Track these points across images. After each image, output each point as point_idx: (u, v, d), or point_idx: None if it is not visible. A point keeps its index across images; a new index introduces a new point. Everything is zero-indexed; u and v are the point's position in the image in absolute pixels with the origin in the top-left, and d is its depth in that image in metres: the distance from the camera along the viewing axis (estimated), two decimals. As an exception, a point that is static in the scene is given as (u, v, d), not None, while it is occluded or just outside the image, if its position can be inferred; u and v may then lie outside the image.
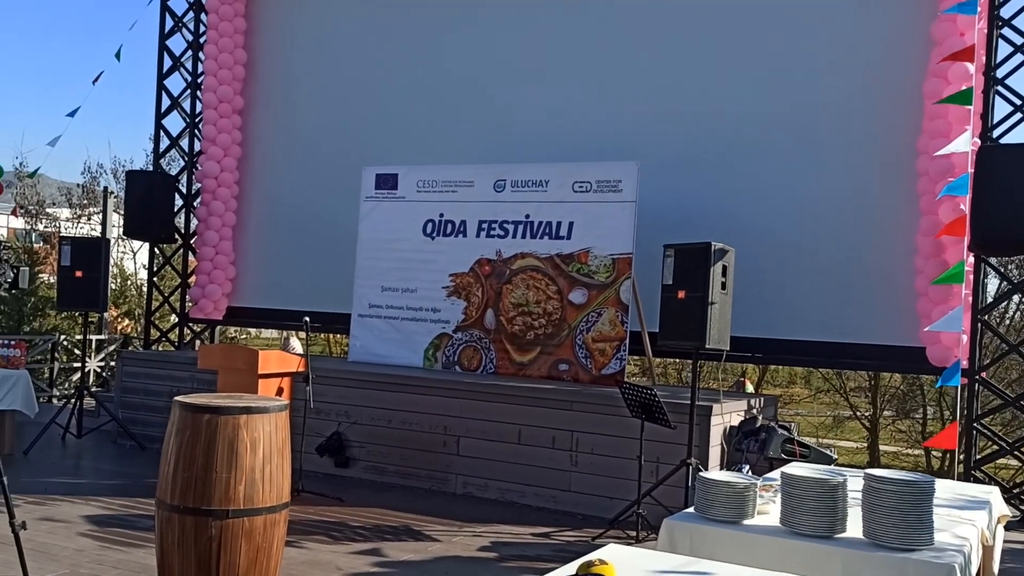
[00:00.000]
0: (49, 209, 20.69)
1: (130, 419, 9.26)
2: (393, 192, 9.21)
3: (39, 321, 13.11)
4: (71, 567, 5.18)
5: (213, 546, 4.56)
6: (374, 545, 6.02)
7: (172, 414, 4.78)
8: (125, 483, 7.45)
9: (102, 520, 6.25)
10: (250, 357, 7.00)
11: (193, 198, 11.19)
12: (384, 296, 9.12)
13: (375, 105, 10.16)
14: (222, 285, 10.72)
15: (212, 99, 10.77)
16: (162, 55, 11.22)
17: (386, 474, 7.98)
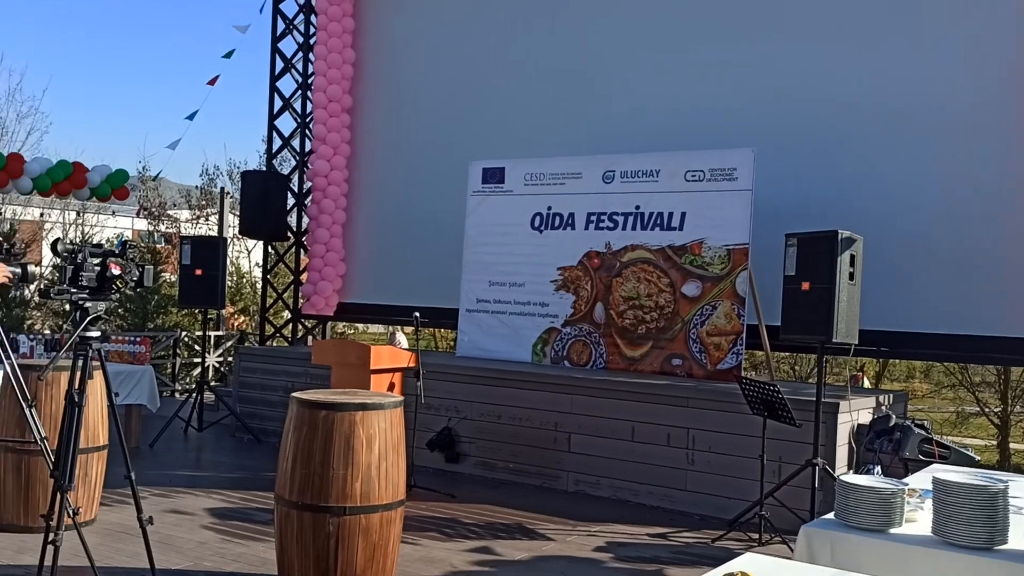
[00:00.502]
0: (170, 211, 21.53)
1: (247, 413, 9.49)
2: (500, 186, 9.13)
3: (162, 318, 13.62)
4: (195, 560, 5.28)
5: (331, 543, 4.56)
6: (487, 543, 5.95)
7: (289, 410, 4.80)
8: (244, 476, 7.60)
9: (223, 513, 6.37)
10: (363, 352, 7.03)
11: (304, 197, 11.39)
12: (491, 291, 9.06)
13: (480, 99, 10.10)
14: (333, 281, 10.87)
15: (322, 99, 10.92)
16: (274, 57, 11.45)
17: (496, 470, 7.92)
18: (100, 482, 5.93)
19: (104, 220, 21.46)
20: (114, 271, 4.10)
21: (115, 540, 5.51)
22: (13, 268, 4.14)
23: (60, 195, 11.04)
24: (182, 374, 12.53)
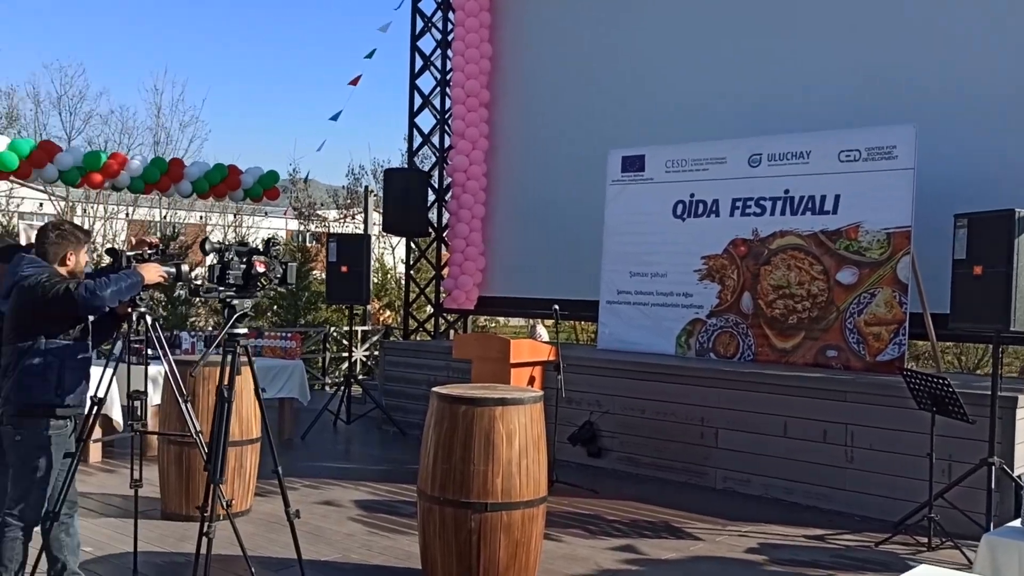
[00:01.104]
0: (319, 211, 22.33)
1: (392, 406, 9.66)
2: (640, 174, 8.90)
3: (312, 314, 14.10)
4: (343, 552, 5.36)
5: (473, 539, 4.51)
6: (632, 541, 5.77)
7: (430, 404, 4.79)
8: (390, 468, 7.72)
9: (370, 505, 6.47)
10: (503, 346, 6.98)
11: (444, 192, 11.50)
12: (633, 281, 8.85)
13: (618, 87, 9.88)
14: (473, 275, 10.92)
15: (460, 94, 10.98)
16: (413, 56, 11.60)
17: (640, 465, 7.72)
18: (254, 473, 6.12)
19: (259, 221, 22.52)
20: (259, 268, 4.19)
21: (269, 530, 5.67)
22: (168, 268, 4.29)
23: (217, 197, 11.55)
24: (331, 368, 12.93)
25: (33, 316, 3.99)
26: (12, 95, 22.97)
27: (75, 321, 4.09)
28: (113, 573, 4.87)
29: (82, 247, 4.27)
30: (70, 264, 4.20)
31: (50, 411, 4.03)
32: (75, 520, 4.31)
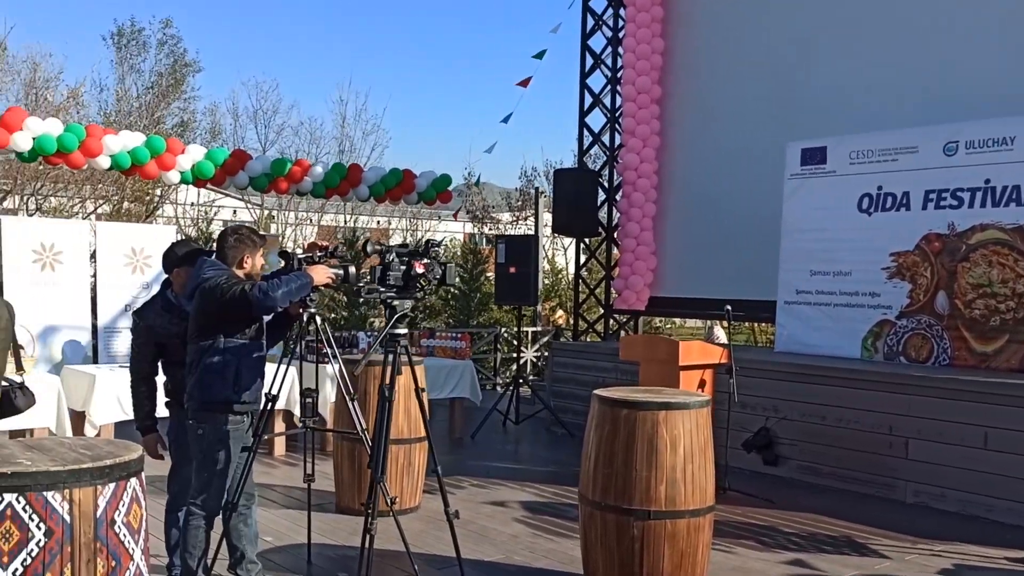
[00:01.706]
0: (493, 213, 22.71)
1: (561, 407, 9.62)
2: (821, 167, 8.41)
3: (485, 315, 14.32)
4: (506, 553, 5.35)
5: (635, 547, 4.36)
6: (810, 556, 5.42)
7: (591, 407, 4.69)
8: (556, 471, 7.67)
9: (535, 507, 6.44)
10: (671, 348, 6.77)
11: (615, 191, 11.35)
12: (813, 280, 8.37)
13: (794, 78, 9.39)
14: (644, 276, 10.71)
15: (631, 91, 10.80)
16: (584, 55, 11.53)
17: (820, 475, 7.27)
18: (423, 471, 6.22)
19: (435, 225, 23.16)
20: (418, 269, 4.22)
21: (436, 528, 5.73)
22: (337, 270, 4.40)
23: (392, 200, 11.94)
24: (502, 368, 13.06)
25: (213, 316, 4.19)
26: (215, 111, 24.83)
27: (251, 321, 4.27)
28: (289, 563, 5.07)
29: (258, 250, 4.45)
30: (247, 267, 4.39)
31: (228, 407, 4.22)
32: (253, 511, 4.50)
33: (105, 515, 2.84)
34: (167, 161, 9.72)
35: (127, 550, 2.91)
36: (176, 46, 24.28)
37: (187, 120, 23.85)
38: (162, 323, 4.46)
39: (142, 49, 23.78)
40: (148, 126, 19.43)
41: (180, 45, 24.31)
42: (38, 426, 6.49)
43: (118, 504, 2.89)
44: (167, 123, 21.80)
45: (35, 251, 8.57)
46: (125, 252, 9.12)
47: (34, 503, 2.72)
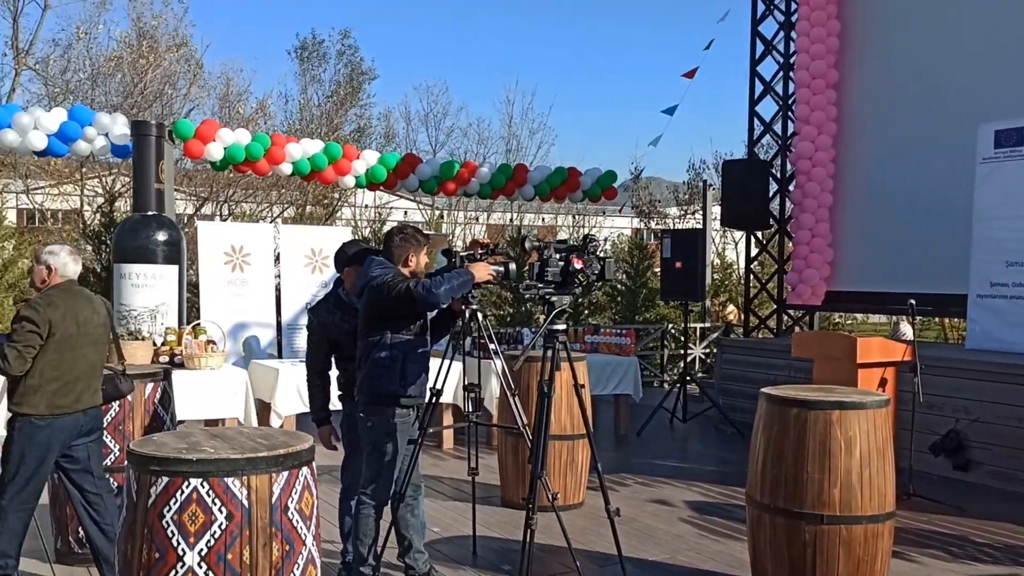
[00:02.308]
0: (660, 208, 22.39)
1: (730, 406, 9.34)
2: (1018, 149, 7.75)
3: (651, 311, 14.13)
4: (670, 553, 5.25)
5: (807, 552, 4.17)
6: (1005, 570, 5.00)
7: (759, 406, 4.53)
8: (725, 470, 7.45)
9: (702, 507, 6.29)
10: (848, 345, 6.43)
11: (787, 182, 10.92)
12: (1009, 272, 7.72)
13: (985, 55, 8.69)
14: (820, 269, 10.24)
15: (805, 77, 10.35)
16: (754, 41, 11.16)
17: (1017, 483, 6.70)
18: (585, 467, 6.20)
19: (601, 221, 23.10)
20: (576, 265, 4.21)
21: (599, 525, 5.70)
22: (497, 267, 4.45)
23: (557, 199, 11.99)
24: (669, 365, 12.85)
25: (380, 313, 4.34)
26: (388, 116, 25.84)
27: (416, 317, 4.39)
28: (455, 553, 5.18)
29: (422, 249, 4.57)
30: (412, 265, 4.52)
31: (395, 400, 4.36)
32: (420, 502, 4.63)
33: (279, 501, 3.00)
34: (343, 166, 10.19)
35: (300, 535, 3.06)
36: (354, 55, 25.46)
37: (363, 126, 24.95)
38: (334, 320, 4.66)
39: (322, 60, 25.08)
40: (327, 133, 20.46)
41: (357, 54, 25.47)
42: (228, 416, 6.95)
43: (291, 491, 3.04)
44: (345, 129, 22.88)
45: (226, 253, 9.20)
46: (305, 253, 9.63)
47: (216, 488, 2.91)
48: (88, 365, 4.39)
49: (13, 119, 8.41)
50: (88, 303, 4.43)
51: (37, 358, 4.19)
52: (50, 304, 4.24)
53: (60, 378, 4.26)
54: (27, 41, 18.85)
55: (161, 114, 17.58)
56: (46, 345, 4.20)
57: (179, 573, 2.87)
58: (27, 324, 4.17)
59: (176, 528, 2.87)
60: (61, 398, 4.28)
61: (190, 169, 15.87)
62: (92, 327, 4.39)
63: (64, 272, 4.40)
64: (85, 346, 4.36)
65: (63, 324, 4.24)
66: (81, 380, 4.35)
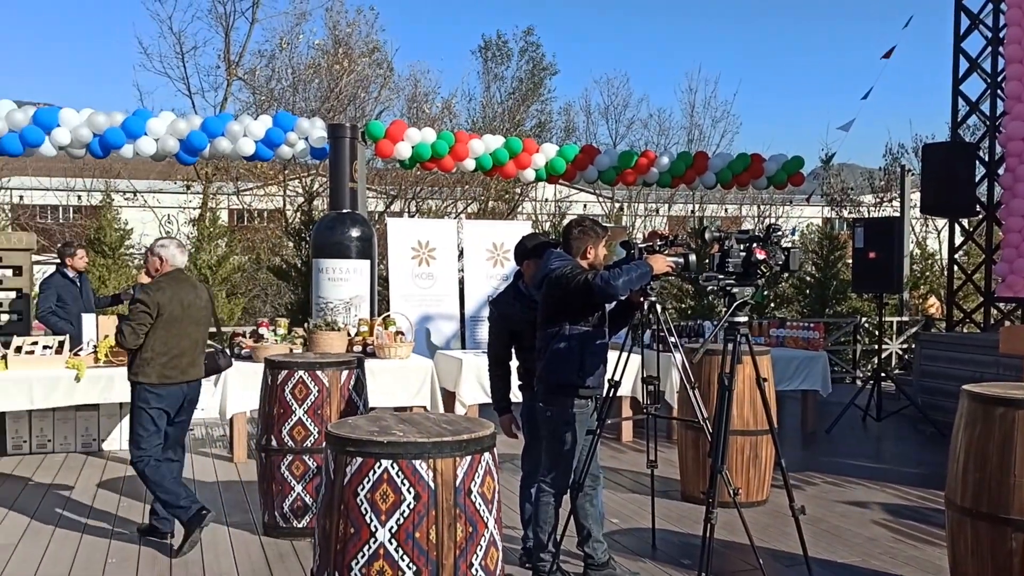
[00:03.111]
0: (854, 196, 21.27)
1: (929, 404, 8.79)
2: None
3: (842, 304, 13.48)
4: (862, 556, 5.02)
5: (1014, 561, 3.89)
6: None
7: (960, 404, 4.26)
8: (923, 472, 7.03)
9: (897, 510, 5.96)
10: (1065, 341, 5.89)
11: (996, 165, 10.10)
12: None
13: None
14: (1033, 259, 9.41)
15: (1017, 52, 9.52)
16: (958, 16, 10.40)
17: None
18: (770, 464, 6.03)
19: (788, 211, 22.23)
20: (758, 256, 4.10)
21: (785, 523, 5.53)
22: (676, 259, 4.41)
23: (740, 186, 11.67)
24: (862, 361, 12.22)
25: (558, 304, 4.41)
26: (569, 111, 26.02)
27: (594, 309, 4.43)
28: (634, 545, 5.19)
29: (600, 241, 4.60)
30: (590, 257, 4.55)
31: (574, 391, 4.42)
32: (599, 493, 4.67)
33: (463, 484, 3.13)
34: (524, 160, 10.38)
35: (482, 518, 3.17)
36: (535, 52, 25.85)
37: (544, 121, 25.28)
38: (514, 312, 4.78)
39: (505, 58, 25.62)
40: (509, 130, 20.87)
41: (539, 51, 25.84)
42: (416, 404, 7.27)
43: (474, 475, 3.16)
44: (526, 126, 23.26)
45: (413, 248, 9.61)
46: (487, 247, 9.90)
47: (405, 469, 3.07)
48: (191, 342, 5.10)
49: (226, 128, 9.14)
50: (192, 288, 5.18)
51: (148, 335, 4.94)
52: (159, 289, 4.99)
53: (168, 352, 4.99)
54: (237, 54, 20.40)
55: (355, 116, 18.53)
56: (156, 324, 4.94)
57: (371, 548, 3.05)
58: (140, 306, 4.94)
59: (369, 506, 3.06)
60: (169, 370, 5.01)
61: (381, 168, 16.63)
62: (195, 309, 5.11)
63: (173, 262, 5.14)
64: (188, 325, 5.07)
65: (170, 306, 4.97)
66: (185, 355, 5.07)
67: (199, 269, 12.02)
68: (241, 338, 7.65)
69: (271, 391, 5.34)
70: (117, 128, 8.74)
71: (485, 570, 3.16)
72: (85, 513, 5.76)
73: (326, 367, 5.30)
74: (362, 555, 3.06)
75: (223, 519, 5.61)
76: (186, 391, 5.13)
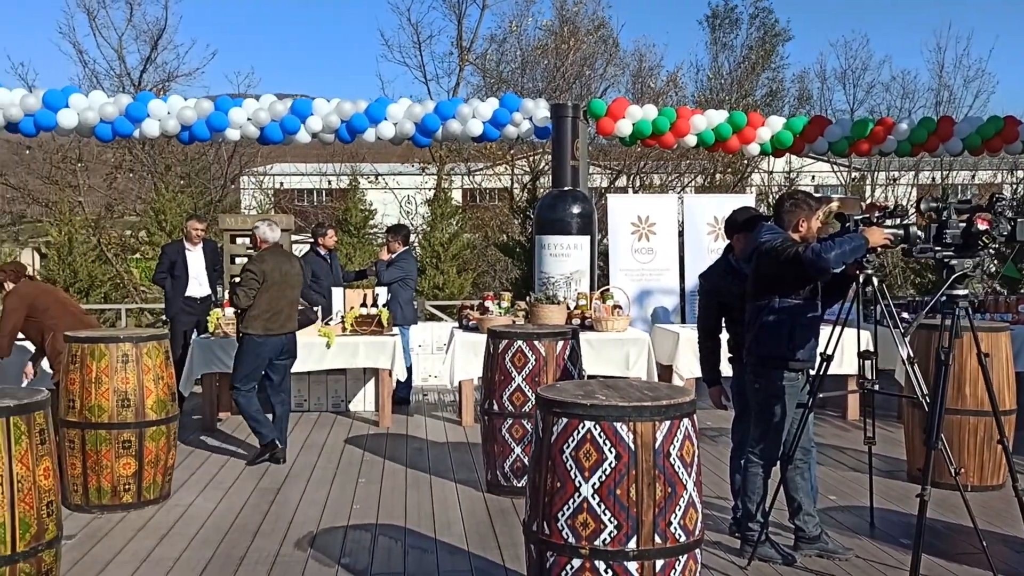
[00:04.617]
0: None
1: None
2: None
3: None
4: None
5: None
6: None
7: None
8: None
9: None
10: None
11: None
12: None
13: None
14: None
15: None
16: None
17: None
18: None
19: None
20: (980, 226, 3.89)
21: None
22: (895, 231, 4.27)
23: (991, 152, 10.75)
24: None
25: (768, 277, 4.41)
26: (803, 77, 24.88)
27: (805, 282, 4.39)
28: (851, 523, 5.10)
29: (814, 214, 4.53)
30: (802, 230, 4.50)
31: (783, 363, 4.41)
32: (811, 466, 4.63)
33: (662, 447, 3.29)
34: (748, 135, 10.19)
35: (681, 480, 3.32)
36: (767, 18, 24.90)
37: (775, 89, 24.34)
38: (724, 285, 4.83)
39: (734, 26, 24.89)
40: (738, 100, 20.34)
41: (771, 17, 24.87)
42: (631, 375, 7.42)
43: (672, 439, 3.31)
44: (756, 95, 22.53)
45: (632, 223, 9.74)
46: (708, 221, 9.83)
47: (607, 430, 3.28)
48: (287, 302, 6.44)
49: (457, 110, 9.70)
50: (288, 259, 6.60)
51: (256, 297, 6.25)
52: (263, 260, 6.34)
53: (270, 310, 6.30)
54: (469, 40, 21.32)
55: (579, 94, 18.84)
56: (262, 288, 6.25)
57: (576, 501, 3.29)
58: (250, 273, 6.28)
59: (573, 463, 3.29)
60: (271, 324, 6.32)
61: (604, 144, 16.82)
62: (290, 276, 6.45)
63: (268, 239, 6.48)
64: (286, 289, 6.40)
65: (272, 274, 6.29)
66: (283, 312, 6.40)
67: (432, 246, 12.83)
68: (468, 310, 8.17)
69: (493, 359, 5.72)
70: (361, 114, 9.54)
71: (684, 529, 3.31)
72: (334, 464, 6.46)
73: (543, 337, 5.60)
74: (568, 507, 3.30)
75: (452, 476, 6.10)
76: (284, 341, 6.46)
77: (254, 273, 6.28)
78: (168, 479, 5.58)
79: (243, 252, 9.08)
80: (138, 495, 5.35)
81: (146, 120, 9.18)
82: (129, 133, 9.38)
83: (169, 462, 5.55)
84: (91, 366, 5.27)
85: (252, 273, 6.29)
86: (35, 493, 3.36)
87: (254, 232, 6.59)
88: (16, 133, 9.52)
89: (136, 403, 5.32)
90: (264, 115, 9.39)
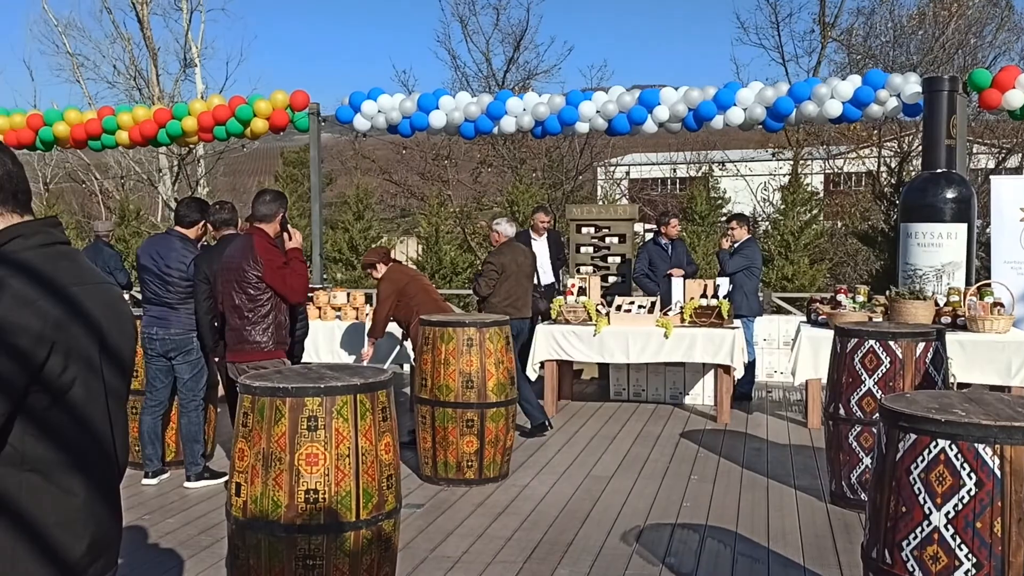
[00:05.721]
0: None
1: None
2: None
3: None
4: None
5: None
6: None
7: None
8: None
9: None
10: None
11: None
12: None
13: None
14: None
15: None
16: None
17: None
18: None
19: None
20: None
21: None
22: None
23: None
24: None
25: None
26: None
27: None
28: None
29: None
30: None
31: None
32: None
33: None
34: None
35: (1064, 520, 2.73)
36: None
37: None
38: None
39: None
40: None
41: None
42: (1014, 384, 6.41)
43: (1055, 470, 2.73)
44: None
45: (1022, 209, 8.42)
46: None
47: (966, 452, 2.79)
48: (523, 290, 7.10)
49: (813, 91, 9.04)
50: (521, 252, 7.24)
51: (496, 286, 6.95)
52: (500, 253, 7.05)
53: (508, 297, 6.97)
54: (832, 15, 19.91)
55: (962, 66, 16.79)
56: (500, 278, 6.95)
57: (925, 531, 2.84)
58: (489, 266, 7.04)
59: (923, 486, 2.85)
60: (510, 309, 6.87)
61: (991, 120, 14.83)
62: (525, 267, 7.14)
63: (506, 233, 7.16)
64: (521, 279, 7.07)
65: (509, 266, 6.98)
66: (520, 299, 7.06)
67: (781, 235, 12.15)
68: (818, 304, 7.59)
69: (840, 359, 5.22)
70: (709, 101, 9.26)
71: (1067, 579, 2.72)
72: (667, 458, 6.33)
73: (899, 337, 5.00)
74: (914, 536, 2.86)
75: (792, 481, 5.69)
76: (520, 325, 7.00)
77: (494, 266, 7.01)
78: (507, 459, 5.83)
79: (587, 241, 9.26)
80: (479, 472, 5.64)
81: (503, 117, 9.69)
82: (489, 130, 9.97)
83: (508, 443, 5.79)
84: (440, 348, 5.64)
85: (492, 265, 7.03)
86: (377, 466, 3.62)
87: (492, 228, 7.44)
88: (395, 134, 10.57)
89: (479, 385, 5.60)
90: (612, 107, 9.47)
